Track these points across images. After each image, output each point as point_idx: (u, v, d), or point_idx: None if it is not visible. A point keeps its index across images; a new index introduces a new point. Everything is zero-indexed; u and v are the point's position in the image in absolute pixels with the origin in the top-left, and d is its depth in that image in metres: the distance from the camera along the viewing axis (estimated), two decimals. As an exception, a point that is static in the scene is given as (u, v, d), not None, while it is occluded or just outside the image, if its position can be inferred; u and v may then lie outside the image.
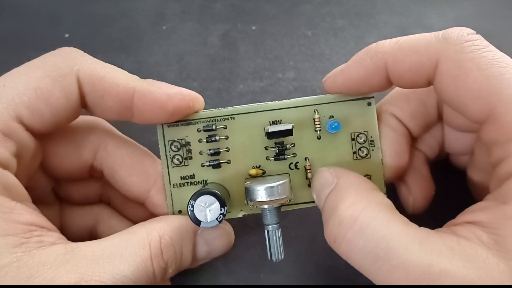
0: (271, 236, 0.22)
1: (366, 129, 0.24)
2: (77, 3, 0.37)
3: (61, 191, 0.27)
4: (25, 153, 0.22)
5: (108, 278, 0.19)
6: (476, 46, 0.20)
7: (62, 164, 0.25)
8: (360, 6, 0.37)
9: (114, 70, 0.23)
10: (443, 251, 0.18)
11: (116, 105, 0.23)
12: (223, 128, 0.24)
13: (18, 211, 0.20)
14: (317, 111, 0.24)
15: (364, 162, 0.24)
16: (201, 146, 0.24)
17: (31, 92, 0.21)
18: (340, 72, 0.23)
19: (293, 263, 0.28)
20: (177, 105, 0.23)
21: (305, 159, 0.24)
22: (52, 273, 0.19)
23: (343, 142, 0.24)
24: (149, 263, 0.21)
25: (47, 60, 0.23)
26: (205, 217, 0.21)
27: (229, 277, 0.28)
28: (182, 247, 0.22)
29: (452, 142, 0.27)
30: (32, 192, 0.22)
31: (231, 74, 0.34)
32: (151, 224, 0.22)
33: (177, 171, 0.25)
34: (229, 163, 0.25)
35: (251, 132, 0.24)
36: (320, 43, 0.35)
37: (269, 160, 0.24)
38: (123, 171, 0.25)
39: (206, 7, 0.37)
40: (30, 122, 0.22)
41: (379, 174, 0.24)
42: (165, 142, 0.25)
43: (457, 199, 0.28)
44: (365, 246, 0.19)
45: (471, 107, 0.20)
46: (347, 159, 0.24)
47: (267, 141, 0.24)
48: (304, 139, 0.24)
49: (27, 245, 0.19)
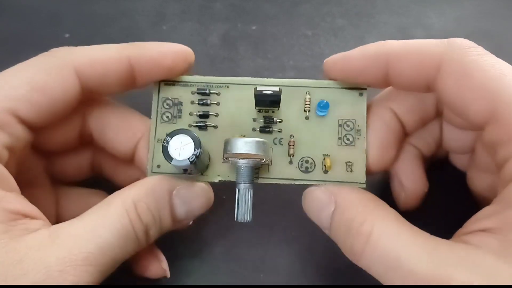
0: (241, 195, 0.22)
1: (355, 117, 0.25)
2: (77, 3, 0.37)
3: (54, 168, 0.27)
4: (17, 145, 0.22)
5: (94, 248, 0.20)
6: (478, 51, 0.21)
7: (52, 139, 0.25)
8: (360, 6, 0.37)
9: (103, 47, 0.24)
10: (451, 260, 0.18)
11: (118, 78, 0.24)
12: (216, 94, 0.25)
13: (7, 200, 0.20)
14: (309, 92, 0.25)
15: (348, 149, 0.24)
16: (192, 108, 0.25)
17: (26, 85, 0.22)
18: (342, 56, 0.24)
19: (293, 263, 0.28)
20: (173, 60, 0.24)
21: (290, 136, 0.25)
22: (40, 253, 0.19)
23: (330, 126, 0.25)
24: (130, 228, 0.21)
25: (39, 58, 0.23)
26: (178, 155, 0.21)
27: (229, 277, 0.28)
28: (159, 210, 0.23)
29: (452, 139, 0.27)
30: (24, 175, 0.23)
31: (231, 74, 0.34)
32: (125, 192, 0.23)
33: (164, 127, 0.25)
34: (216, 128, 0.25)
35: (242, 102, 0.25)
36: (320, 43, 0.35)
37: (255, 131, 0.25)
38: (110, 130, 0.26)
39: (206, 7, 0.37)
40: (26, 114, 0.22)
41: (361, 163, 0.24)
42: (159, 98, 0.25)
43: (458, 201, 0.28)
44: (379, 259, 0.20)
45: (473, 107, 0.20)
46: (331, 143, 0.24)
47: (256, 113, 0.25)
48: (293, 117, 0.25)
49: (11, 232, 0.20)
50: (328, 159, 0.24)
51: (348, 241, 0.21)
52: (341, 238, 0.22)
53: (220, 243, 0.29)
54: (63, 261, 0.19)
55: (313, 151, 0.24)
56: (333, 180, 0.24)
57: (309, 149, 0.24)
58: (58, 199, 0.27)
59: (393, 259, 0.19)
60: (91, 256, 0.20)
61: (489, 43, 0.21)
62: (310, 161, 0.24)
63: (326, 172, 0.24)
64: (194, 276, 0.28)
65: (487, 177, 0.26)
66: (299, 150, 0.25)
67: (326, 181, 0.24)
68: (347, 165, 0.24)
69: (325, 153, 0.24)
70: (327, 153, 0.24)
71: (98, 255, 0.20)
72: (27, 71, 0.22)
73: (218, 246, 0.29)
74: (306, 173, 0.24)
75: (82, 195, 0.28)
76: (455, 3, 0.36)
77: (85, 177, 0.28)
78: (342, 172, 0.24)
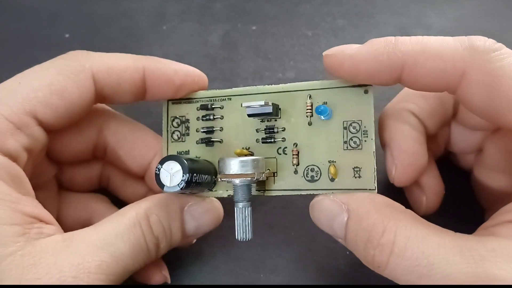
0: (239, 214, 0.22)
1: (360, 118, 0.23)
2: (77, 3, 0.37)
3: (64, 176, 0.27)
4: (35, 147, 0.23)
5: (107, 257, 0.20)
6: (504, 55, 0.20)
7: (68, 148, 0.26)
8: (360, 6, 0.37)
9: (120, 56, 0.25)
10: (485, 255, 0.18)
11: (132, 87, 0.24)
12: (220, 108, 0.25)
13: (24, 203, 0.21)
14: (310, 96, 0.24)
15: (355, 153, 0.23)
16: (198, 124, 0.25)
17: (45, 88, 0.22)
18: (350, 57, 0.22)
19: (293, 263, 0.28)
20: (183, 79, 0.25)
21: (293, 144, 0.24)
22: (54, 258, 0.19)
23: (334, 131, 0.23)
24: (142, 239, 0.22)
25: (57, 61, 0.24)
26: (168, 182, 0.22)
27: (229, 277, 0.28)
28: (170, 223, 0.23)
29: (460, 140, 0.27)
30: (36, 179, 0.23)
31: (231, 74, 0.34)
32: (139, 204, 0.23)
33: (175, 146, 0.25)
34: (221, 142, 0.25)
35: (245, 114, 0.24)
36: (320, 43, 0.35)
37: (258, 143, 0.25)
38: (125, 146, 0.26)
39: (206, 7, 0.37)
40: (44, 116, 0.22)
41: (370, 167, 0.23)
42: (168, 117, 0.26)
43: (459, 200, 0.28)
44: (407, 267, 0.19)
45: (506, 115, 0.20)
46: (336, 148, 0.23)
47: (259, 124, 0.25)
48: (295, 125, 0.24)
49: (28, 235, 0.20)
50: (332, 166, 0.23)
51: (369, 252, 0.20)
52: (361, 249, 0.21)
53: (220, 243, 0.29)
54: (77, 268, 0.19)
55: (318, 159, 0.23)
56: (340, 188, 0.23)
57: (313, 156, 0.23)
58: (59, 209, 0.27)
59: (425, 266, 0.18)
60: (104, 265, 0.20)
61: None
62: (316, 169, 0.23)
63: (332, 180, 0.23)
64: (194, 276, 0.28)
65: (496, 176, 0.25)
66: (304, 159, 0.24)
67: (333, 190, 0.23)
68: (355, 171, 0.23)
69: (331, 160, 0.23)
70: (333, 159, 0.23)
71: (111, 263, 0.20)
72: (46, 73, 0.23)
73: (218, 246, 0.29)
74: (312, 182, 0.23)
75: (82, 199, 0.28)
76: (455, 3, 0.36)
77: (92, 188, 0.29)
78: (350, 179, 0.23)
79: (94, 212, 0.27)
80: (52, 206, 0.26)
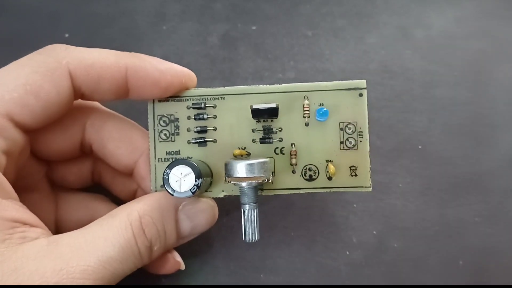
0: (246, 215, 0.22)
1: (356, 119, 0.24)
2: (77, 3, 0.37)
3: (55, 175, 0.27)
4: (14, 150, 0.22)
5: (93, 261, 0.20)
6: None
7: (52, 145, 0.25)
8: (360, 6, 0.37)
9: (101, 53, 0.23)
10: None
11: (112, 86, 0.23)
12: (212, 107, 0.25)
13: (3, 207, 0.20)
14: (307, 97, 0.24)
15: (351, 152, 0.24)
16: (189, 123, 0.25)
17: (20, 88, 0.21)
18: None
19: (293, 263, 0.28)
20: (169, 81, 0.23)
21: (291, 145, 0.24)
22: (36, 264, 0.19)
23: (331, 131, 0.24)
24: (133, 242, 0.21)
25: (33, 57, 0.23)
26: (179, 187, 0.21)
27: (229, 277, 0.28)
28: (164, 224, 0.23)
29: None
30: (24, 180, 0.23)
31: (231, 74, 0.34)
32: (131, 205, 0.23)
33: (163, 146, 0.25)
34: (215, 142, 0.25)
35: (240, 113, 0.24)
36: (320, 43, 0.35)
37: (255, 143, 0.25)
38: (110, 144, 0.25)
39: (206, 7, 0.36)
40: (21, 118, 0.22)
41: (365, 166, 0.24)
42: (154, 116, 0.25)
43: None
44: None
45: None
46: (333, 148, 0.24)
47: (254, 124, 0.25)
48: (292, 125, 0.25)
49: (9, 241, 0.19)
50: (331, 165, 0.24)
51: None
52: None
53: (220, 243, 0.29)
54: (60, 273, 0.19)
55: (316, 158, 0.24)
56: (338, 186, 0.24)
57: (311, 156, 0.24)
58: (58, 203, 0.27)
59: None
60: (89, 269, 0.19)
61: (489, 43, 0.21)
62: (314, 168, 0.24)
63: (330, 179, 0.24)
64: (195, 276, 0.28)
65: None
66: (302, 158, 0.24)
67: (331, 188, 0.24)
68: (351, 170, 0.24)
69: (328, 159, 0.24)
70: (330, 158, 0.24)
71: (97, 268, 0.20)
72: (22, 72, 0.22)
73: (218, 246, 0.29)
74: (310, 181, 0.24)
75: (82, 199, 0.28)
76: (455, 3, 0.36)
77: (86, 184, 0.28)
78: (346, 177, 0.24)
79: (95, 213, 0.27)
80: (46, 207, 0.26)
